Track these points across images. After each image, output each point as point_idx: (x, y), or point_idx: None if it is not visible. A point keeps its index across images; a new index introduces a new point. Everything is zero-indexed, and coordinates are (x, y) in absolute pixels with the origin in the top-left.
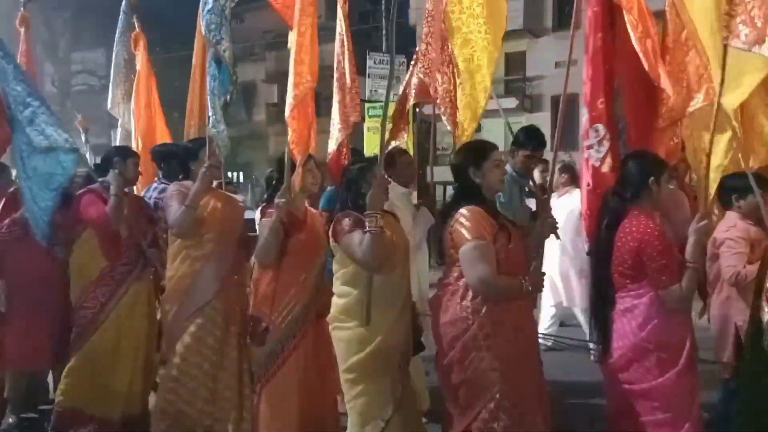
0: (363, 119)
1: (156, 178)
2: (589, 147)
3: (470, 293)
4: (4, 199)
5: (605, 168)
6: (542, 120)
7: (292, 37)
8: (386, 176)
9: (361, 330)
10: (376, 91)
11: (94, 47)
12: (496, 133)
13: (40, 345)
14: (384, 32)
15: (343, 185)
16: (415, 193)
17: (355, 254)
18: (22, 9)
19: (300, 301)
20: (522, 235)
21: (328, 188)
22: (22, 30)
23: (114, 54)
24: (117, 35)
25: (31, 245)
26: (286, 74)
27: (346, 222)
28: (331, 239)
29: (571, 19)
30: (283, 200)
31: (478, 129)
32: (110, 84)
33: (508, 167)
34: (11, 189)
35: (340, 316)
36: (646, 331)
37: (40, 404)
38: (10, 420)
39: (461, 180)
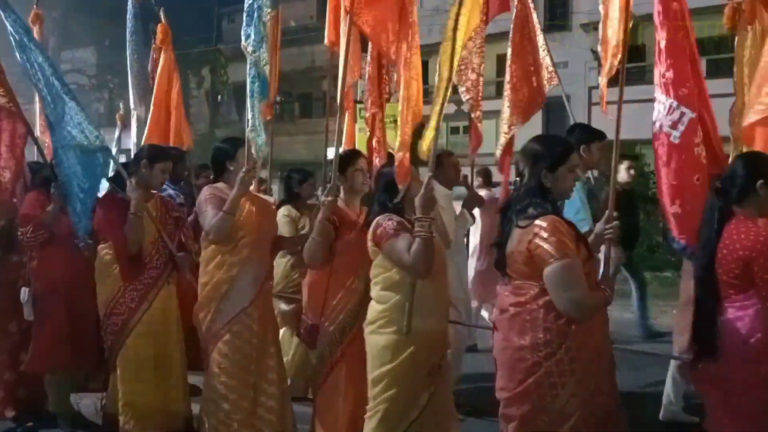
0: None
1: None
2: (672, 127)
3: (553, 314)
4: (25, 202)
5: (676, 135)
6: (533, 121)
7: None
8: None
9: (398, 337)
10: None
11: (84, 46)
12: (486, 133)
13: (75, 349)
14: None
15: (379, 186)
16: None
17: (402, 259)
18: (35, 6)
19: (349, 305)
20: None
21: None
22: (35, 27)
23: (128, 55)
24: (128, 36)
25: (58, 248)
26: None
27: (390, 225)
28: (370, 242)
29: (564, 21)
30: (330, 198)
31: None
32: (129, 86)
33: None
34: (30, 192)
35: (378, 321)
36: (750, 345)
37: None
38: None
39: (530, 179)
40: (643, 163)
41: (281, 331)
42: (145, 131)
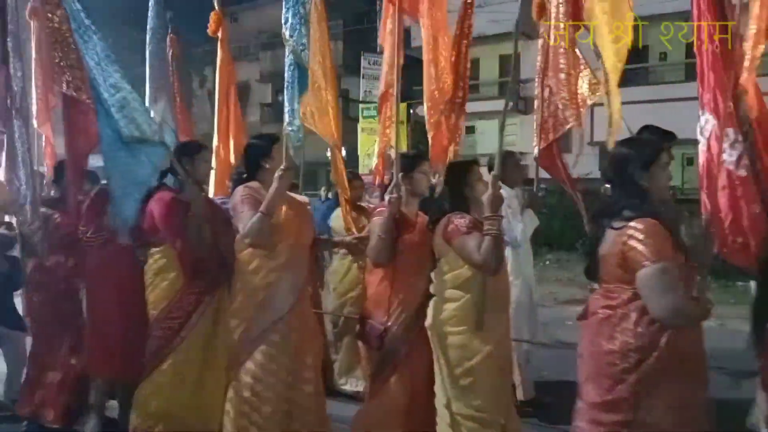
0: (357, 119)
1: None
2: (722, 152)
3: (645, 318)
4: (87, 202)
5: (742, 171)
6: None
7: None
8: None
9: (474, 334)
10: (370, 92)
11: None
12: (489, 134)
13: (128, 356)
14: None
15: (444, 183)
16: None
17: (472, 257)
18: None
19: (411, 305)
20: None
21: None
22: (32, 23)
23: (147, 53)
24: (149, 34)
25: (115, 252)
26: (280, 74)
27: (461, 223)
28: (439, 240)
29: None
30: (395, 196)
31: (472, 130)
32: (146, 82)
33: None
34: (94, 191)
35: (450, 320)
36: None
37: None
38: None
39: (623, 182)
40: None
41: None
42: (215, 132)
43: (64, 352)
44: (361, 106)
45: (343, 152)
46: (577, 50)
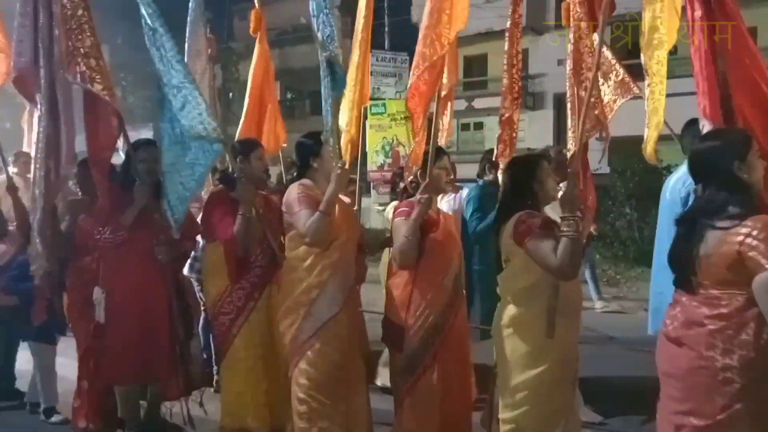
0: (365, 116)
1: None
2: None
3: (766, 329)
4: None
5: None
6: (545, 117)
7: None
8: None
9: (542, 342)
10: (378, 88)
11: None
12: (497, 130)
13: (146, 359)
14: (386, 30)
15: (509, 182)
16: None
17: (547, 260)
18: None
19: (438, 305)
20: None
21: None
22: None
23: (186, 46)
24: (189, 28)
25: (133, 251)
26: (288, 72)
27: (535, 223)
28: (508, 241)
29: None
30: (427, 196)
31: (480, 126)
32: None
33: None
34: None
35: (516, 325)
36: None
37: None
38: None
39: (720, 177)
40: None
41: None
42: (240, 125)
43: (87, 356)
44: (369, 103)
45: None
46: (605, 50)
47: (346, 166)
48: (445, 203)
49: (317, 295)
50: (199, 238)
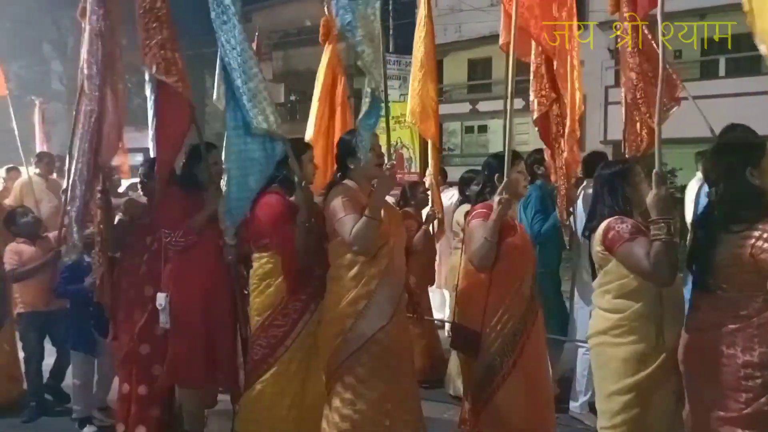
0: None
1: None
2: None
3: None
4: (172, 200)
5: None
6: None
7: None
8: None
9: (642, 346)
10: (382, 91)
11: None
12: (501, 133)
13: (211, 363)
14: (391, 32)
15: (599, 186)
16: None
17: (641, 266)
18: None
19: (517, 312)
20: None
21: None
22: (84, 21)
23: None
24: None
25: (201, 255)
26: (293, 74)
27: (625, 228)
28: (598, 248)
29: (580, 19)
30: (507, 197)
31: (485, 130)
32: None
33: None
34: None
35: (613, 330)
36: None
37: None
38: None
39: (734, 182)
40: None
41: None
42: (311, 129)
43: (145, 363)
44: None
45: None
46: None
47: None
48: (446, 199)
49: (364, 307)
50: None
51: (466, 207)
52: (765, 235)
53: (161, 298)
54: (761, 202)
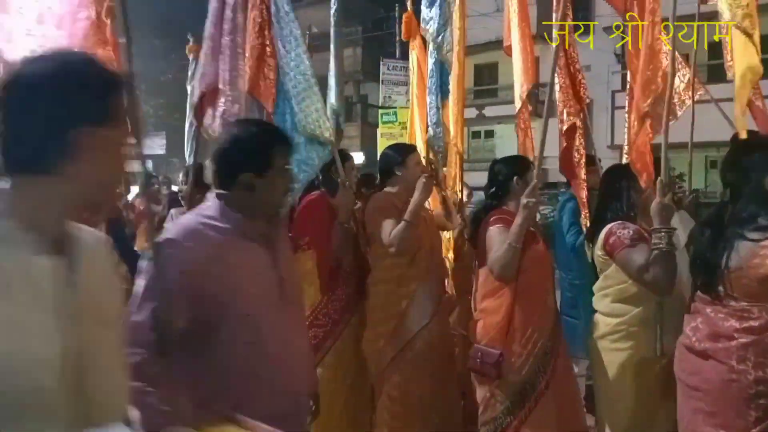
0: (377, 125)
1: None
2: None
3: None
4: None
5: None
6: (555, 125)
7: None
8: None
9: (641, 352)
10: (390, 97)
11: None
12: (508, 138)
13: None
14: (397, 39)
15: (608, 192)
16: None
17: (639, 273)
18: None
19: (547, 327)
20: None
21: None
22: (108, 21)
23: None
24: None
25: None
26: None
27: (626, 234)
28: (599, 252)
29: (586, 24)
30: (533, 200)
31: (491, 135)
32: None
33: None
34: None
35: (612, 335)
36: None
37: None
38: None
39: (752, 189)
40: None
41: None
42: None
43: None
44: (380, 111)
45: (362, 157)
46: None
47: (432, 177)
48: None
49: (407, 306)
50: None
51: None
52: None
53: None
54: None
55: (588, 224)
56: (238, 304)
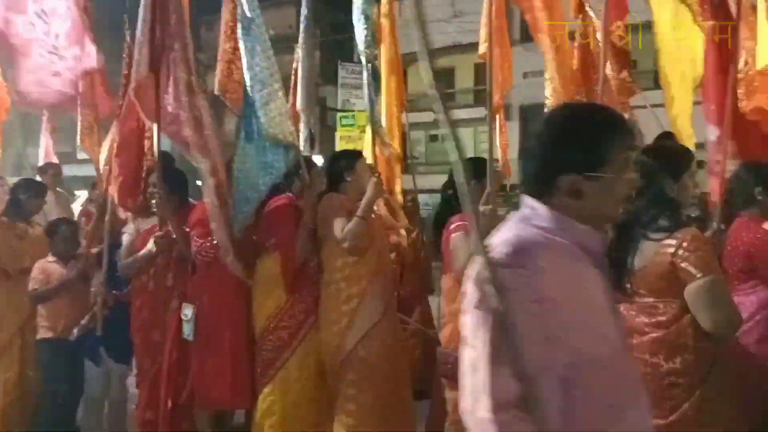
0: (335, 128)
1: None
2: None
3: (701, 333)
4: (195, 213)
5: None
6: (511, 129)
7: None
8: None
9: None
10: (348, 100)
11: None
12: (465, 142)
13: (236, 382)
14: (355, 42)
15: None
16: None
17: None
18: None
19: None
20: None
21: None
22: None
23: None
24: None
25: (222, 268)
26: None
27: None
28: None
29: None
30: (490, 207)
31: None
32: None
33: None
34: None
35: None
36: (750, 325)
37: None
38: None
39: (652, 192)
40: None
41: None
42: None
43: (162, 382)
44: (339, 114)
45: (321, 160)
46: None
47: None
48: None
49: (358, 304)
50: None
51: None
52: (685, 244)
53: (187, 309)
54: (678, 213)
55: None
56: (595, 349)
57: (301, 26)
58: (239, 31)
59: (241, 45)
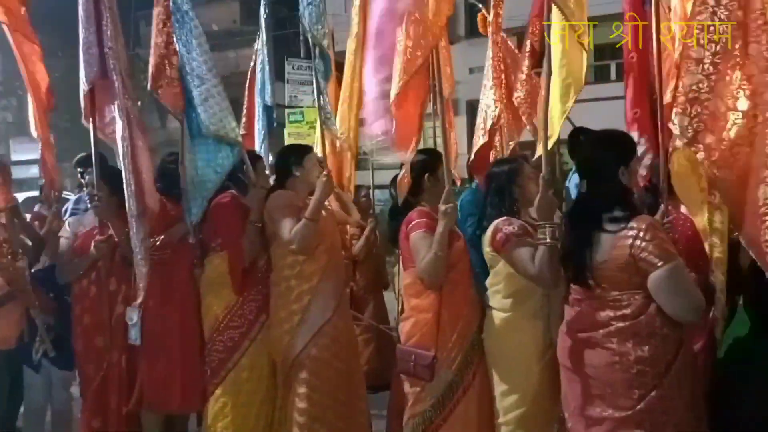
0: (283, 125)
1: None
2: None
3: (667, 321)
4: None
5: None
6: (458, 124)
7: None
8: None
9: (531, 345)
10: (295, 96)
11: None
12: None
13: (187, 385)
14: (302, 38)
15: (489, 187)
16: None
17: (526, 268)
18: None
19: (475, 320)
20: None
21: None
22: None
23: (260, 64)
24: (263, 47)
25: (176, 266)
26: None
27: (512, 230)
28: (487, 247)
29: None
30: (450, 205)
31: None
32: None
33: None
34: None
35: (503, 329)
36: None
37: None
38: None
39: (606, 181)
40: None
41: None
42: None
43: (110, 388)
44: (287, 111)
45: (270, 157)
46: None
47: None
48: None
49: (309, 301)
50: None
51: None
52: (641, 234)
53: (131, 313)
54: (631, 201)
55: None
56: None
57: (262, 23)
58: (174, 25)
59: (176, 39)
